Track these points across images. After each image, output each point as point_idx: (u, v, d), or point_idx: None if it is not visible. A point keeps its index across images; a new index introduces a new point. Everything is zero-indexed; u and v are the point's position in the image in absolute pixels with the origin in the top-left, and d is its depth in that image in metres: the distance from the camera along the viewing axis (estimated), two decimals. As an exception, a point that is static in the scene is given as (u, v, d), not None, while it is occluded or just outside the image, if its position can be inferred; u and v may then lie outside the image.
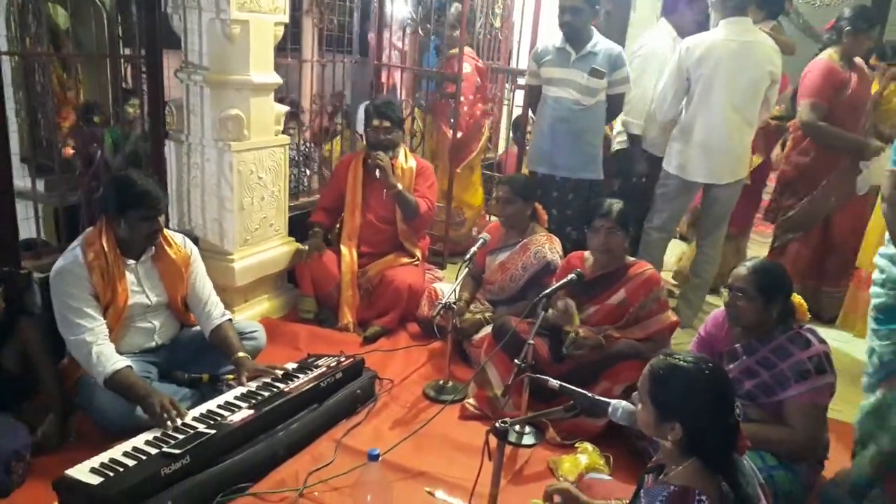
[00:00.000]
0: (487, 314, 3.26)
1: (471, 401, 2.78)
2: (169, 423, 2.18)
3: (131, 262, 2.52)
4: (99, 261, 2.41)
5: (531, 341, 2.49)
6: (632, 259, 2.87)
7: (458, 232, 4.64)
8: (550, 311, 2.65)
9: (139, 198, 2.40)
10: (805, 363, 2.21)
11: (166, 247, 2.59)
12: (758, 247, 4.75)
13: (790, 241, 3.95)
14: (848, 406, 2.96)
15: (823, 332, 2.37)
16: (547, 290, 2.65)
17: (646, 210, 3.75)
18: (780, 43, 3.60)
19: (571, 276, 2.65)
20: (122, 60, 4.04)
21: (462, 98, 4.34)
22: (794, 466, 2.21)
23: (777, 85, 3.53)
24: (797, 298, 2.36)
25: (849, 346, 3.64)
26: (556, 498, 1.87)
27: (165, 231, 2.60)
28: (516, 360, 2.47)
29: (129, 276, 2.51)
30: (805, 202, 3.85)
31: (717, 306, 2.67)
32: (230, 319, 2.71)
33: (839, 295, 3.94)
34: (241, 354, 2.58)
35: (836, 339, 3.61)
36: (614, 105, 3.67)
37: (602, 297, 2.76)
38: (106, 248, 2.43)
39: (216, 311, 2.67)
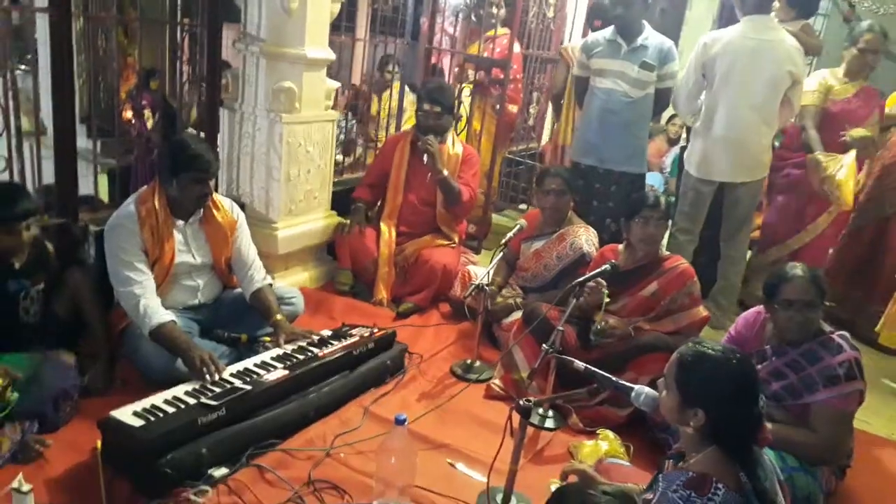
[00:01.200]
0: (518, 299, 3.30)
1: (497, 381, 2.83)
2: (207, 376, 2.28)
3: (180, 222, 2.62)
4: (150, 218, 2.52)
5: (561, 328, 2.52)
6: (667, 253, 2.88)
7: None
8: (582, 298, 2.68)
9: (191, 160, 2.50)
10: (835, 368, 2.20)
11: (214, 210, 2.69)
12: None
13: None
14: (877, 418, 2.95)
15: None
16: (580, 279, 2.67)
17: None
18: (806, 44, 3.53)
19: (605, 266, 2.66)
20: (182, 29, 4.15)
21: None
22: (813, 471, 2.21)
23: (800, 85, 3.48)
24: None
25: (886, 360, 3.59)
26: (573, 477, 1.91)
27: (214, 195, 2.70)
28: (544, 345, 2.51)
29: (178, 236, 2.61)
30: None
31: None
32: (270, 284, 2.80)
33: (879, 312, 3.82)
34: (279, 317, 2.67)
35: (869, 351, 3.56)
36: (662, 99, 3.67)
37: (635, 289, 2.78)
38: (157, 207, 2.54)
39: (258, 274, 2.76)
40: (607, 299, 2.67)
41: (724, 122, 3.48)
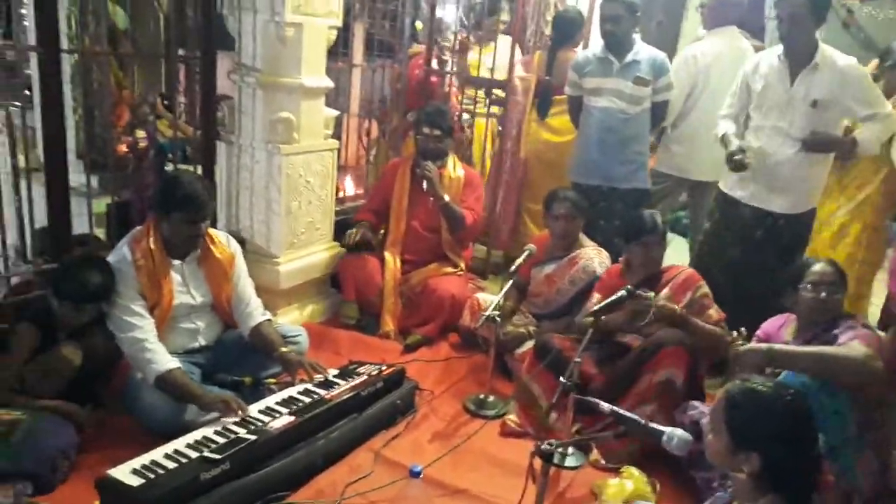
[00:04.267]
0: (531, 327, 3.19)
1: (512, 417, 2.72)
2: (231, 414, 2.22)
3: (177, 262, 2.53)
4: (146, 260, 2.43)
5: (578, 359, 2.41)
6: (666, 264, 2.83)
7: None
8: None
9: (184, 201, 2.41)
10: (851, 327, 2.27)
11: (211, 246, 2.60)
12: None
13: None
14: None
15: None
16: (595, 308, 2.57)
17: None
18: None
19: (622, 292, 2.56)
20: (178, 61, 4.10)
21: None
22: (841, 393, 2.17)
23: None
24: None
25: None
26: None
27: (211, 230, 2.61)
28: (561, 378, 2.40)
29: (175, 276, 2.52)
30: None
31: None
32: (269, 319, 2.70)
33: None
34: (284, 349, 2.57)
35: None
36: (658, 112, 3.59)
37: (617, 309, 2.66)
38: (153, 248, 2.45)
39: (257, 311, 2.67)
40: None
41: (695, 123, 3.65)
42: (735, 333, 2.40)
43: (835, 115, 3.01)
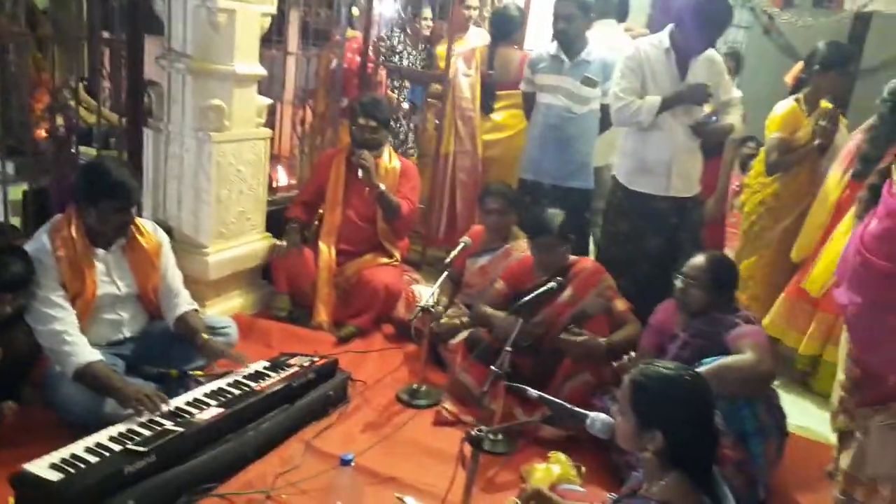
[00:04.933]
0: (464, 318, 3.22)
1: (447, 405, 2.75)
2: (147, 412, 2.14)
3: (101, 251, 2.45)
4: (66, 249, 2.34)
5: (509, 348, 2.47)
6: (573, 258, 2.90)
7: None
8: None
9: (113, 188, 2.34)
10: (733, 320, 2.38)
11: (138, 236, 2.53)
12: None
13: None
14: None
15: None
16: (525, 299, 2.62)
17: None
18: None
19: (552, 284, 2.64)
20: (102, 44, 3.94)
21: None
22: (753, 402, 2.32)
23: None
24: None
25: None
26: (532, 503, 1.85)
27: (137, 219, 2.54)
28: (492, 367, 2.45)
29: (99, 266, 2.44)
30: None
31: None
32: (196, 309, 2.65)
33: None
34: (206, 337, 2.52)
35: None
36: (607, 114, 3.64)
37: (551, 298, 2.75)
38: (74, 237, 2.37)
39: (184, 300, 2.62)
40: None
41: None
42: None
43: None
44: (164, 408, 2.19)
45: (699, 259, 2.49)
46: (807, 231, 3.31)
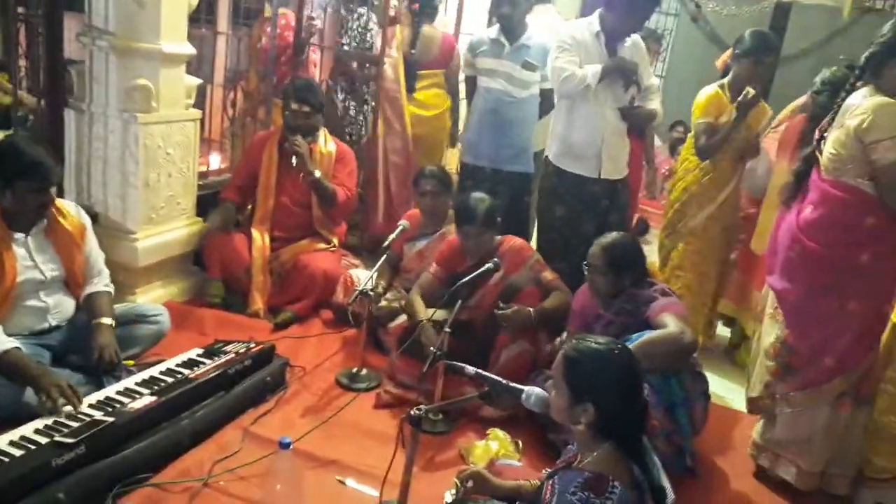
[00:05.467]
0: (403, 302, 3.23)
1: (388, 388, 2.75)
2: (65, 408, 2.04)
3: (20, 235, 2.34)
4: (-18, 235, 2.23)
5: (447, 329, 2.49)
6: (499, 237, 2.96)
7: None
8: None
9: (29, 168, 2.24)
10: (651, 294, 2.48)
11: (60, 218, 2.43)
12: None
13: None
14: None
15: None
16: (463, 280, 2.65)
17: None
18: None
19: (489, 265, 2.67)
20: (16, 20, 3.73)
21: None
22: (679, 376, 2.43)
23: None
24: (651, 265, 2.69)
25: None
26: (469, 483, 1.89)
27: (58, 201, 2.44)
28: (432, 348, 2.47)
29: (19, 251, 2.33)
30: None
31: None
32: (109, 292, 2.56)
33: None
34: (104, 321, 2.41)
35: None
36: (546, 99, 3.67)
37: (483, 280, 2.79)
38: (-9, 221, 2.25)
39: (101, 281, 2.54)
40: None
41: None
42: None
43: None
44: (78, 404, 2.07)
45: (595, 247, 2.56)
46: (763, 221, 3.38)
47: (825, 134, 2.33)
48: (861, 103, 2.20)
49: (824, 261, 2.29)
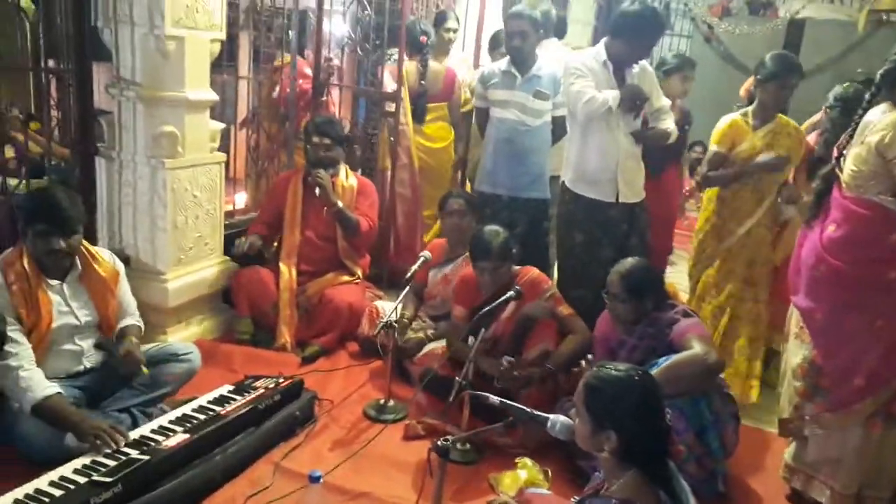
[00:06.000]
0: (429, 331, 3.27)
1: (418, 419, 2.77)
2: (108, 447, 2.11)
3: (55, 282, 2.42)
4: (20, 283, 2.32)
5: (472, 358, 2.52)
6: (517, 268, 2.97)
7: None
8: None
9: (38, 213, 2.32)
10: (673, 317, 2.50)
11: (94, 264, 2.51)
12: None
13: None
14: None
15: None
16: (486, 308, 2.68)
17: None
18: None
19: (510, 293, 2.69)
20: (47, 73, 3.89)
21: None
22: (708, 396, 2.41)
23: None
24: (671, 286, 2.67)
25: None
26: None
27: (91, 248, 2.53)
28: (457, 378, 2.50)
29: (55, 298, 2.41)
30: None
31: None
32: (140, 326, 2.66)
33: None
34: (134, 340, 2.52)
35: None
36: (559, 126, 3.71)
37: (499, 312, 2.81)
38: (27, 269, 2.34)
39: (131, 317, 2.64)
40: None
41: None
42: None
43: None
44: (122, 441, 2.15)
45: (612, 275, 2.59)
46: (788, 241, 3.18)
47: (844, 151, 2.33)
48: (881, 119, 2.20)
49: (849, 279, 2.27)
